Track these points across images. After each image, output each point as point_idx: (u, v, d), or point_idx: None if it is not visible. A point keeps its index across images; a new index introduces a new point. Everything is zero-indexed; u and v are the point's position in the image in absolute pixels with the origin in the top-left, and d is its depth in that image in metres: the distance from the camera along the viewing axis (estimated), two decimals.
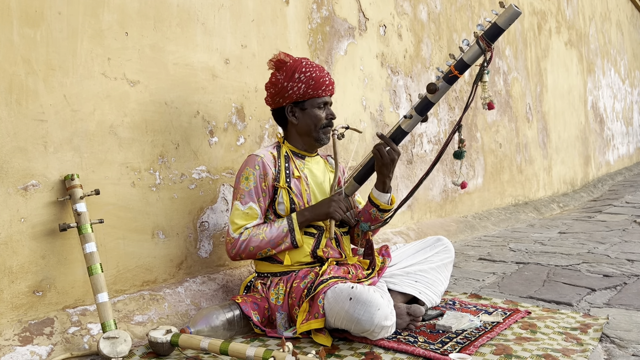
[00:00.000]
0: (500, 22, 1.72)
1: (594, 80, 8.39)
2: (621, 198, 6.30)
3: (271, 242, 1.96)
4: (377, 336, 1.74)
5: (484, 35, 1.75)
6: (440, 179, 4.16)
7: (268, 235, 1.96)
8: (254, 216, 2.00)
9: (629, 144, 10.91)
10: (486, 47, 1.74)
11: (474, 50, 1.77)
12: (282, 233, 1.96)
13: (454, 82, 1.85)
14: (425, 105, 1.89)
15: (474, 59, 1.79)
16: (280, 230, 1.97)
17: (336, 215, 1.98)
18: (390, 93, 3.59)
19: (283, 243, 1.97)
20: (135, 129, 2.06)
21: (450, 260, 2.27)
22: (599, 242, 3.70)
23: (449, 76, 1.82)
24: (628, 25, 11.36)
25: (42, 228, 1.79)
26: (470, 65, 1.81)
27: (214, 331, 1.83)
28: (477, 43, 1.76)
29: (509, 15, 1.70)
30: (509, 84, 5.38)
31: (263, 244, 1.96)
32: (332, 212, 1.98)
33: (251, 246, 1.96)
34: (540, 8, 6.29)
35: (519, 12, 1.69)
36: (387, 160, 1.97)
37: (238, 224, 1.99)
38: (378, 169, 2.01)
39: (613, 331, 1.90)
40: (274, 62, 2.09)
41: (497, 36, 1.75)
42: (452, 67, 1.81)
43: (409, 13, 3.84)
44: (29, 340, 1.69)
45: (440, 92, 1.86)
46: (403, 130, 1.95)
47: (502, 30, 1.73)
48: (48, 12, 1.81)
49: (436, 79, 1.86)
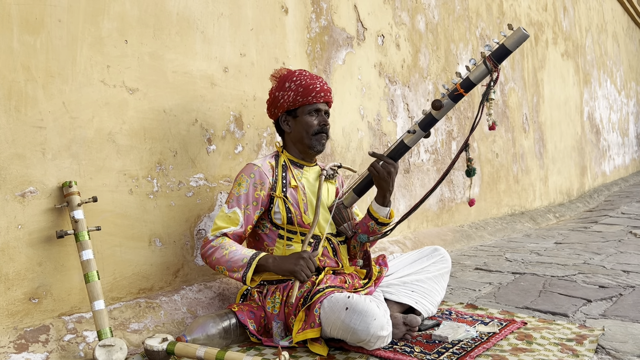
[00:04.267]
0: (507, 43, 1.74)
1: (590, 91, 8.44)
2: (617, 209, 6.32)
3: (228, 263, 1.91)
4: (373, 346, 1.74)
5: (491, 56, 1.76)
6: (437, 188, 4.16)
7: (229, 256, 1.92)
8: (235, 221, 1.99)
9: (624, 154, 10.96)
10: (493, 67, 1.76)
11: (481, 70, 1.79)
12: (240, 262, 1.91)
13: (459, 100, 1.87)
14: (429, 122, 1.91)
15: (480, 78, 1.81)
16: (239, 258, 1.91)
17: (300, 276, 1.86)
18: (387, 102, 3.61)
19: (236, 272, 1.91)
20: (133, 137, 2.06)
21: (447, 270, 2.27)
22: (595, 252, 3.71)
23: (454, 94, 1.84)
24: (624, 36, 11.44)
25: (39, 235, 1.78)
26: (476, 85, 1.83)
27: (210, 340, 1.83)
28: (484, 63, 1.78)
29: (517, 37, 1.72)
30: (506, 94, 5.41)
31: (222, 261, 1.92)
32: (297, 272, 1.87)
33: (214, 257, 1.94)
34: (537, 19, 6.33)
35: (527, 35, 1.71)
36: (384, 175, 1.97)
37: (217, 224, 1.99)
38: (377, 183, 2.02)
39: (609, 342, 1.90)
40: (274, 76, 2.14)
41: (504, 57, 1.76)
42: (458, 85, 1.83)
43: (407, 23, 3.86)
44: (24, 347, 1.69)
45: (444, 109, 1.87)
46: (406, 145, 1.97)
47: (510, 52, 1.75)
48: (48, 20, 1.82)
49: (441, 95, 1.87)
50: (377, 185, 2.03)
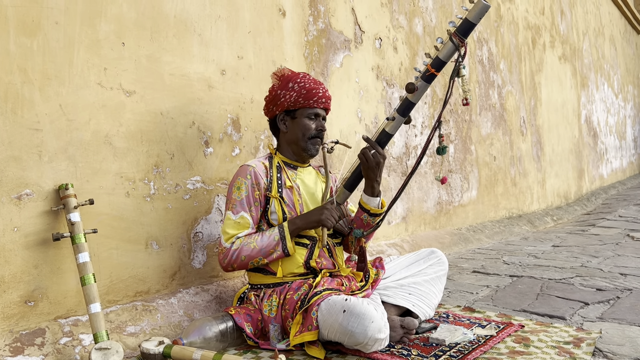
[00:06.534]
0: (470, 17, 1.75)
1: (588, 95, 8.47)
2: (614, 212, 6.33)
3: (262, 250, 1.95)
4: (371, 349, 1.73)
5: (456, 32, 1.78)
6: (435, 191, 4.17)
7: (259, 244, 1.95)
8: (246, 225, 2.00)
9: (622, 157, 10.98)
10: (459, 42, 1.78)
11: (448, 47, 1.81)
12: (274, 241, 1.96)
13: (432, 81, 1.88)
14: (406, 106, 1.91)
15: (449, 55, 1.82)
16: (271, 239, 1.96)
17: (328, 222, 1.96)
18: (385, 105, 3.61)
19: (275, 252, 1.96)
20: (130, 139, 2.06)
21: (444, 273, 2.27)
22: (593, 255, 3.71)
23: (426, 75, 1.86)
24: (621, 40, 11.49)
25: (35, 237, 1.78)
26: (446, 62, 1.84)
27: (207, 343, 1.82)
28: (450, 40, 1.79)
29: (478, 9, 1.73)
30: (504, 97, 5.42)
31: (254, 253, 1.95)
32: (324, 220, 1.96)
33: (243, 255, 1.95)
34: (535, 22, 6.35)
35: (487, 5, 1.72)
36: (373, 164, 1.97)
37: (230, 233, 1.98)
38: (365, 173, 2.01)
39: (606, 345, 1.90)
40: (276, 75, 2.14)
41: (469, 31, 1.78)
42: (429, 65, 1.85)
43: (404, 26, 3.87)
44: (20, 350, 1.68)
45: (419, 92, 1.88)
46: (387, 133, 1.96)
47: (474, 25, 1.77)
48: (45, 22, 1.81)
49: (415, 79, 1.88)
50: (365, 175, 2.02)
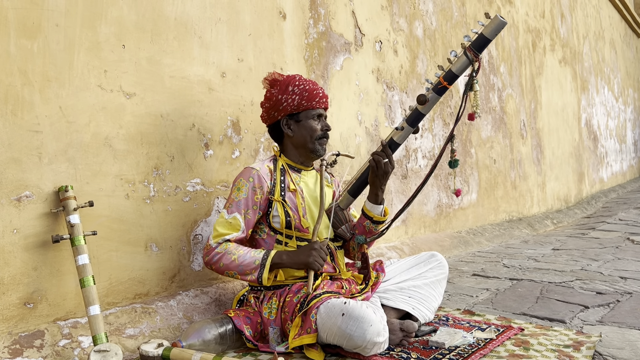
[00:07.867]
0: (486, 32, 1.74)
1: (588, 98, 8.47)
2: (614, 215, 6.33)
3: (240, 267, 1.92)
4: (370, 352, 1.73)
5: (471, 46, 1.77)
6: (435, 194, 4.16)
7: (240, 259, 1.92)
8: (236, 227, 1.98)
9: (622, 161, 10.98)
10: (474, 57, 1.77)
11: (462, 61, 1.80)
12: (253, 264, 1.92)
13: (444, 93, 1.87)
14: (416, 117, 1.91)
15: (462, 69, 1.81)
16: (252, 261, 1.92)
17: (315, 266, 1.92)
18: (385, 108, 3.61)
19: (250, 274, 1.92)
20: (130, 141, 2.06)
21: (444, 277, 2.27)
22: (593, 259, 3.71)
23: (438, 87, 1.85)
24: (621, 43, 11.49)
25: (34, 239, 1.78)
26: (459, 76, 1.83)
27: (206, 345, 1.82)
28: (464, 54, 1.78)
29: (494, 25, 1.72)
30: (504, 100, 5.42)
31: (232, 266, 1.92)
32: (312, 263, 1.92)
33: (222, 262, 1.93)
34: (535, 26, 6.36)
35: (504, 22, 1.72)
36: (382, 172, 1.97)
37: (218, 231, 1.98)
38: (372, 180, 2.01)
39: (606, 349, 1.90)
40: (268, 80, 2.13)
41: (484, 47, 1.77)
42: (441, 78, 1.84)
43: (404, 29, 3.87)
44: (18, 352, 1.68)
45: (430, 103, 1.87)
46: (395, 142, 1.96)
47: (489, 41, 1.76)
48: (45, 24, 1.82)
49: (426, 90, 1.87)
50: (370, 182, 2.02)
